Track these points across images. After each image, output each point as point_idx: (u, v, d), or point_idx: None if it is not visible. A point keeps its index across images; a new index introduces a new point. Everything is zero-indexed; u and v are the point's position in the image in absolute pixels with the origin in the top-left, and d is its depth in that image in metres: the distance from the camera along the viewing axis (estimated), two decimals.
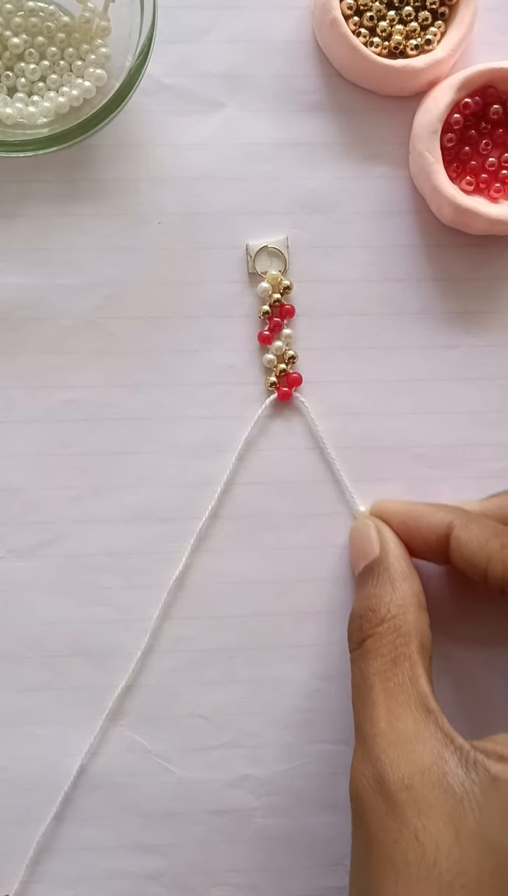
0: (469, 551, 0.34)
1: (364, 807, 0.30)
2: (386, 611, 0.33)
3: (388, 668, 0.32)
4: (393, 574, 0.35)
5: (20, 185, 0.38)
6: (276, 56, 0.39)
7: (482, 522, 0.35)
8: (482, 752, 0.30)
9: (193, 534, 0.38)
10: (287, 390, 0.39)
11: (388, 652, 0.33)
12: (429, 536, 0.36)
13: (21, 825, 0.38)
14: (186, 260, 0.39)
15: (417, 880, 0.28)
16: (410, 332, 0.39)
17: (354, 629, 0.34)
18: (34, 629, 0.38)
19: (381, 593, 0.34)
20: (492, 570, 0.33)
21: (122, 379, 0.39)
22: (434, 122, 0.37)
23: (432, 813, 0.29)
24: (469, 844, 0.28)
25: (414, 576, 0.35)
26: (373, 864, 0.29)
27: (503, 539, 0.34)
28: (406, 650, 0.32)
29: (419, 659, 0.32)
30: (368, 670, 0.33)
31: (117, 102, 0.35)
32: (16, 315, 0.38)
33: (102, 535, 0.39)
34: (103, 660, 0.38)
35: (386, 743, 0.30)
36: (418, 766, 0.29)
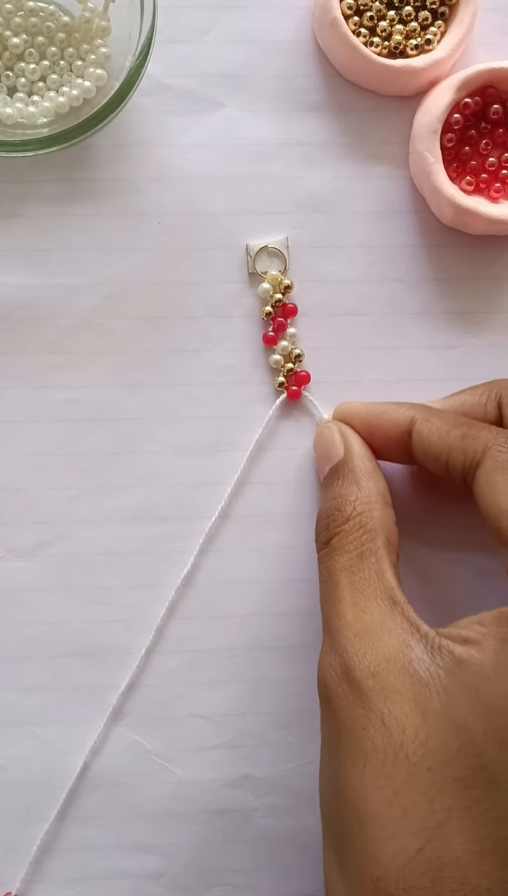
0: (430, 443, 0.34)
1: (331, 696, 0.31)
2: (352, 509, 0.34)
3: (354, 563, 0.33)
4: (357, 474, 0.35)
5: (20, 185, 0.38)
6: (276, 56, 0.39)
7: (443, 415, 0.35)
8: (446, 637, 0.30)
9: (194, 534, 0.39)
10: (296, 389, 0.39)
11: (354, 548, 0.33)
12: (392, 433, 0.36)
13: (21, 825, 0.38)
14: (186, 260, 0.39)
15: (384, 764, 0.28)
16: (410, 332, 0.39)
17: (321, 529, 0.34)
18: (34, 629, 0.38)
19: (347, 493, 0.34)
20: (453, 461, 0.33)
21: (122, 379, 0.39)
22: (434, 122, 0.37)
23: (398, 698, 0.29)
24: (435, 726, 0.28)
25: (379, 474, 0.35)
26: (342, 752, 0.30)
27: (462, 429, 0.34)
28: (372, 545, 0.33)
29: (385, 553, 0.33)
30: (334, 566, 0.33)
31: (117, 102, 0.35)
32: (16, 315, 0.38)
33: (102, 535, 0.39)
34: (103, 660, 0.38)
35: (352, 634, 0.31)
36: (384, 654, 0.30)
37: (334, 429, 0.37)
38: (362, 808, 0.28)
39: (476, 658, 0.29)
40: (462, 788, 0.28)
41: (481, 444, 0.33)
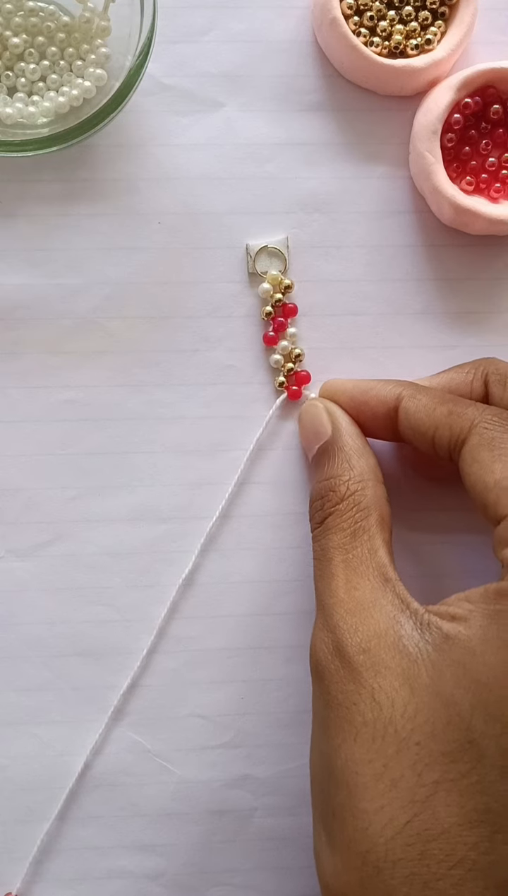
0: (417, 420, 0.34)
1: (323, 672, 0.31)
2: (346, 489, 0.34)
3: (348, 541, 0.33)
4: (348, 452, 0.35)
5: (20, 185, 0.38)
6: (276, 56, 0.39)
7: (429, 392, 0.35)
8: (435, 614, 0.30)
9: (194, 534, 0.39)
10: (297, 389, 0.39)
11: (348, 526, 0.33)
12: (379, 410, 0.36)
13: (21, 825, 0.38)
14: (186, 260, 0.39)
15: (374, 739, 0.29)
16: (410, 331, 0.39)
17: (315, 510, 0.35)
18: (34, 629, 0.38)
19: (339, 472, 0.34)
20: (439, 438, 0.34)
21: (122, 379, 0.39)
22: (434, 122, 0.37)
23: (388, 673, 0.29)
24: (424, 701, 0.29)
25: (369, 451, 0.35)
26: (332, 726, 0.30)
27: (449, 406, 0.34)
28: (365, 523, 0.33)
29: (378, 531, 0.33)
30: (328, 545, 0.33)
31: (117, 102, 0.35)
32: (16, 315, 0.38)
33: (102, 534, 0.39)
34: (103, 660, 0.38)
35: (344, 611, 0.31)
36: (374, 630, 0.30)
37: (320, 406, 0.37)
38: (352, 782, 0.29)
39: (463, 634, 0.29)
40: (449, 762, 0.28)
41: (467, 420, 0.33)
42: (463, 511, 0.37)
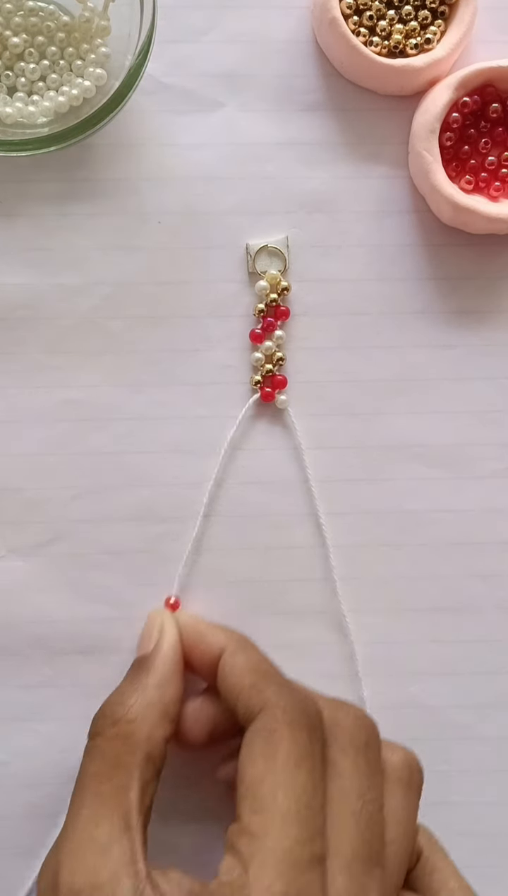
0: (225, 681, 0.34)
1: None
2: (123, 713, 0.33)
3: (105, 770, 0.32)
4: (148, 678, 0.34)
5: (20, 184, 0.38)
6: (276, 56, 0.39)
7: (250, 654, 0.34)
8: (152, 884, 0.29)
9: (193, 533, 0.39)
10: (270, 391, 0.39)
11: (110, 756, 0.32)
12: (205, 657, 0.35)
13: (24, 820, 0.38)
14: (186, 260, 0.39)
15: None
16: (410, 331, 0.39)
17: (94, 721, 0.34)
18: (35, 627, 0.38)
19: (128, 693, 0.33)
20: (238, 706, 0.33)
21: (122, 379, 0.39)
22: (432, 122, 0.37)
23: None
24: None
25: (172, 684, 0.34)
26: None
27: (255, 678, 0.33)
28: (129, 759, 0.32)
29: (137, 770, 0.32)
30: (88, 769, 0.32)
31: (117, 102, 0.35)
32: (16, 315, 0.38)
33: (102, 534, 0.39)
34: (103, 657, 0.38)
35: (71, 848, 0.30)
36: (92, 880, 0.29)
37: (157, 621, 0.36)
38: None
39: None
40: None
41: (261, 701, 0.32)
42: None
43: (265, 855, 0.29)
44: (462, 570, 0.39)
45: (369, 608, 0.39)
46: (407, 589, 0.39)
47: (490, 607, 0.39)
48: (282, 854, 0.29)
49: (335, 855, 0.30)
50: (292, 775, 0.30)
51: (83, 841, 0.30)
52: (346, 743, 0.32)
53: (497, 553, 0.39)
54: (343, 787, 0.31)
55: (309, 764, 0.31)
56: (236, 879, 0.29)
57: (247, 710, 0.32)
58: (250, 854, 0.29)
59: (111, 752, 0.32)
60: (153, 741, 0.32)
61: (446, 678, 0.39)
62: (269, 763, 0.30)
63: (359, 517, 0.39)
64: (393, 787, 0.34)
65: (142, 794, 0.31)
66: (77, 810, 0.31)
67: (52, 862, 0.31)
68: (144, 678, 0.34)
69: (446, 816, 0.38)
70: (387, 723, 0.38)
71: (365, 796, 0.32)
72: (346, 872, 0.30)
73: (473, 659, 0.39)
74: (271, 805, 0.30)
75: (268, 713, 0.32)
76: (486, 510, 0.39)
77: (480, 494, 0.39)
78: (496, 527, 0.39)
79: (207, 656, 0.35)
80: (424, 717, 0.39)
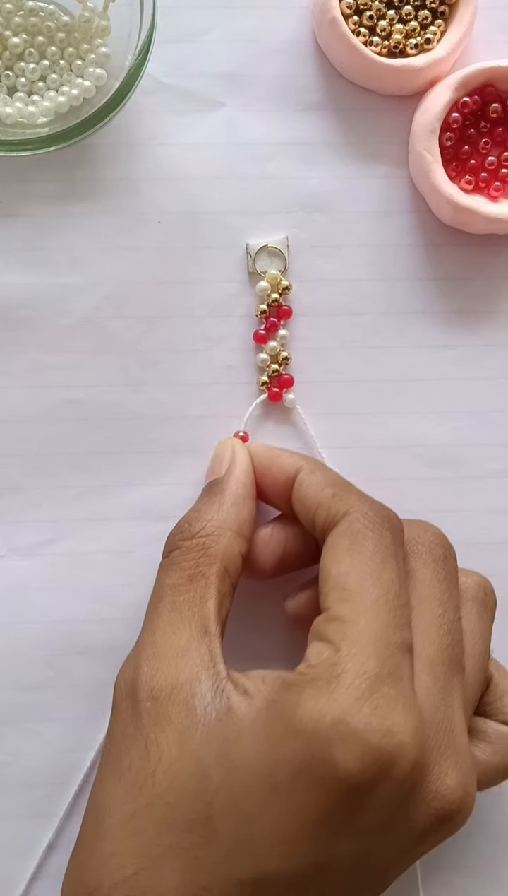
0: (306, 494, 0.34)
1: (115, 707, 0.32)
2: (201, 528, 0.34)
3: (183, 583, 0.33)
4: (224, 496, 0.35)
5: (20, 184, 0.38)
6: (276, 56, 0.39)
7: (326, 472, 0.35)
8: (233, 682, 0.30)
9: None
10: (277, 391, 0.39)
11: (189, 567, 0.33)
12: (278, 478, 0.36)
13: (24, 820, 0.38)
14: (186, 260, 0.39)
15: (133, 786, 0.29)
16: (410, 331, 0.39)
17: (169, 538, 0.35)
18: (35, 627, 0.38)
19: (205, 510, 0.34)
20: (318, 517, 0.33)
21: (122, 379, 0.39)
22: (432, 122, 0.37)
23: (168, 727, 0.30)
24: (185, 764, 0.29)
25: (246, 504, 0.35)
26: (107, 760, 0.31)
27: (336, 488, 0.34)
28: (205, 570, 0.33)
29: (215, 582, 0.33)
30: (165, 581, 0.33)
31: (117, 102, 0.35)
32: (16, 315, 0.38)
33: (102, 533, 0.39)
34: (103, 657, 0.38)
35: (152, 653, 0.31)
36: (173, 681, 0.30)
37: (228, 446, 0.37)
38: (101, 820, 0.30)
39: (241, 712, 0.29)
40: (185, 830, 0.28)
41: (344, 506, 0.33)
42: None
43: (357, 636, 0.29)
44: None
45: None
46: None
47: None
48: (374, 636, 0.29)
49: (418, 657, 0.31)
50: (379, 570, 0.31)
51: (161, 646, 0.31)
52: (426, 554, 0.33)
53: (498, 553, 0.39)
54: (424, 594, 0.32)
55: (394, 563, 0.31)
56: (327, 660, 0.29)
57: (329, 517, 0.33)
58: (340, 637, 0.30)
59: (189, 563, 0.33)
60: (230, 555, 0.33)
61: None
62: (356, 559, 0.31)
63: None
64: (469, 604, 0.35)
65: (219, 606, 0.32)
66: (153, 620, 0.32)
67: (128, 670, 0.32)
68: (220, 497, 0.35)
69: None
70: None
71: (446, 604, 0.33)
72: (430, 671, 0.31)
73: None
74: (360, 594, 0.30)
75: (353, 516, 0.32)
76: (486, 510, 0.39)
77: (480, 494, 0.39)
78: (496, 527, 0.39)
79: (281, 478, 0.35)
80: None
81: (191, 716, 0.30)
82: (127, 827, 0.29)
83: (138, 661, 0.31)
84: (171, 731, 0.29)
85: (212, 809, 0.28)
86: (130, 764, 0.30)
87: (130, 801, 0.29)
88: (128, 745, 0.30)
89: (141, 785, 0.29)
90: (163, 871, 0.28)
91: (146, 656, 0.31)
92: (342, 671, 0.29)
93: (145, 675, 0.31)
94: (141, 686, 0.31)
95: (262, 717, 0.29)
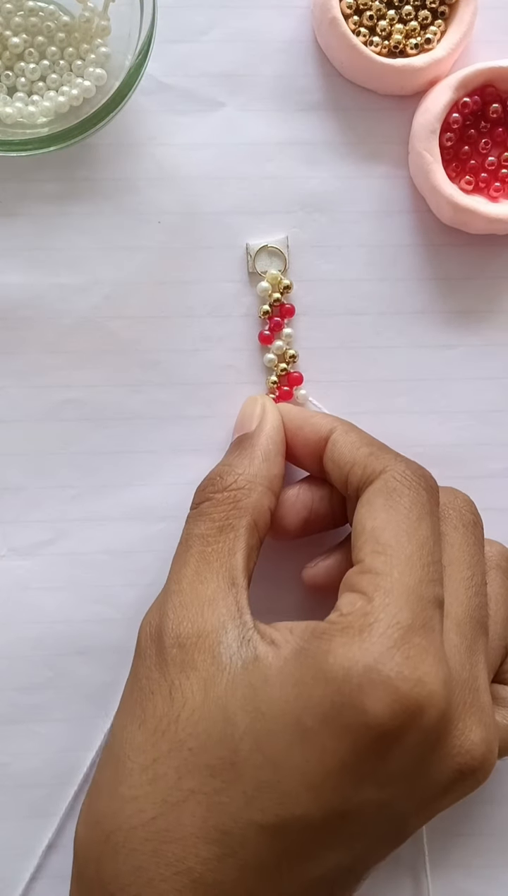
0: (340, 453, 0.34)
1: (139, 652, 0.32)
2: (232, 481, 0.34)
3: (212, 533, 0.33)
4: (255, 451, 0.35)
5: (20, 184, 0.38)
6: (276, 56, 0.39)
7: (361, 433, 0.35)
8: (259, 632, 0.31)
9: None
10: (288, 389, 0.39)
11: (219, 519, 0.33)
12: (310, 438, 0.36)
13: (24, 820, 0.38)
14: (186, 259, 0.39)
15: (155, 731, 0.30)
16: (410, 331, 0.40)
17: (199, 490, 0.35)
18: (35, 627, 0.38)
19: (236, 464, 0.35)
20: (352, 475, 0.34)
21: (122, 379, 0.39)
22: (432, 122, 0.37)
23: (192, 674, 0.30)
24: (210, 711, 0.29)
25: (277, 460, 0.35)
26: (128, 705, 0.31)
27: (372, 448, 0.34)
28: (236, 522, 0.33)
29: (245, 534, 0.33)
30: (193, 531, 0.33)
31: (117, 102, 0.35)
32: (16, 314, 0.38)
33: (102, 533, 0.39)
34: (103, 658, 0.38)
35: (179, 601, 0.32)
36: (199, 628, 0.31)
37: (258, 402, 0.37)
38: (122, 764, 0.30)
39: (268, 660, 0.30)
40: (208, 776, 0.29)
41: (381, 464, 0.33)
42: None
43: (391, 587, 0.30)
44: None
45: None
46: None
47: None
48: (407, 588, 0.30)
49: (447, 615, 0.31)
50: (415, 526, 0.31)
51: (188, 595, 0.32)
52: (456, 519, 0.34)
53: None
54: (454, 556, 0.33)
55: (429, 521, 0.32)
56: (359, 609, 0.30)
57: (365, 475, 0.33)
58: (373, 588, 0.30)
59: (219, 515, 0.33)
60: (260, 509, 0.34)
61: None
62: (392, 514, 0.31)
63: None
64: (493, 572, 0.35)
65: (247, 559, 0.33)
66: (180, 569, 0.33)
67: (154, 616, 0.32)
68: (251, 451, 0.35)
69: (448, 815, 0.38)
70: None
71: (475, 568, 0.33)
72: (458, 630, 0.31)
73: None
74: (395, 547, 0.31)
75: (389, 474, 0.33)
76: (486, 510, 0.39)
77: (480, 494, 0.39)
78: (496, 526, 0.39)
79: (313, 438, 0.35)
80: None
81: (217, 664, 0.30)
82: (148, 772, 0.29)
83: (165, 608, 0.32)
84: (196, 678, 0.30)
85: (236, 756, 0.28)
86: (154, 709, 0.30)
87: (152, 747, 0.29)
88: (152, 690, 0.30)
89: (164, 730, 0.29)
90: (183, 816, 0.28)
91: (172, 605, 0.31)
92: (374, 620, 0.29)
93: (172, 622, 0.31)
94: (167, 633, 0.31)
95: (290, 665, 0.29)
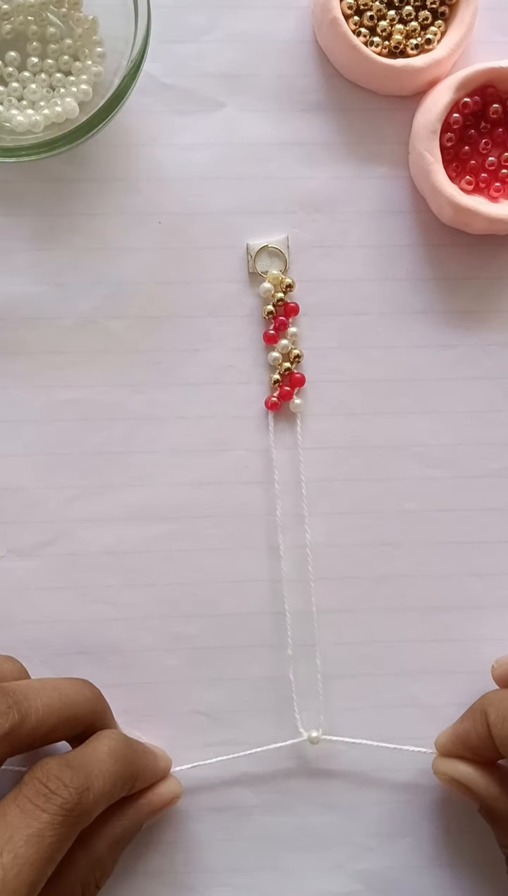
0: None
1: None
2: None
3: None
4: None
5: (20, 184, 0.38)
6: (276, 56, 0.39)
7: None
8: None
9: (193, 533, 0.39)
10: (289, 390, 0.39)
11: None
12: (479, 738, 0.36)
13: None
14: (186, 260, 0.39)
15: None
16: (410, 331, 0.39)
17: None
18: (35, 627, 0.38)
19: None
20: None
21: (122, 379, 0.39)
22: (433, 122, 0.37)
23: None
24: None
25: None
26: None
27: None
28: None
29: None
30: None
31: (114, 105, 0.35)
32: (16, 315, 0.38)
33: (102, 534, 0.39)
34: (103, 658, 0.39)
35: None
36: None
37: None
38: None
39: None
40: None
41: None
42: None
43: None
44: (461, 569, 0.39)
45: (367, 607, 0.39)
46: (407, 588, 0.39)
47: (490, 606, 0.39)
48: None
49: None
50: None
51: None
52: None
53: (497, 553, 0.39)
54: None
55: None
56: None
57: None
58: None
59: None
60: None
61: (446, 677, 0.39)
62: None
63: (359, 516, 0.39)
64: None
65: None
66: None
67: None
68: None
69: (448, 814, 0.38)
70: (387, 723, 0.39)
71: None
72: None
73: (473, 658, 0.39)
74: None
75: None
76: (486, 510, 0.39)
77: (480, 494, 0.39)
78: (496, 527, 0.39)
79: (484, 734, 0.35)
80: (424, 716, 0.39)
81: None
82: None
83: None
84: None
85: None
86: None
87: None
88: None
89: None
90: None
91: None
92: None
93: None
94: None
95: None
